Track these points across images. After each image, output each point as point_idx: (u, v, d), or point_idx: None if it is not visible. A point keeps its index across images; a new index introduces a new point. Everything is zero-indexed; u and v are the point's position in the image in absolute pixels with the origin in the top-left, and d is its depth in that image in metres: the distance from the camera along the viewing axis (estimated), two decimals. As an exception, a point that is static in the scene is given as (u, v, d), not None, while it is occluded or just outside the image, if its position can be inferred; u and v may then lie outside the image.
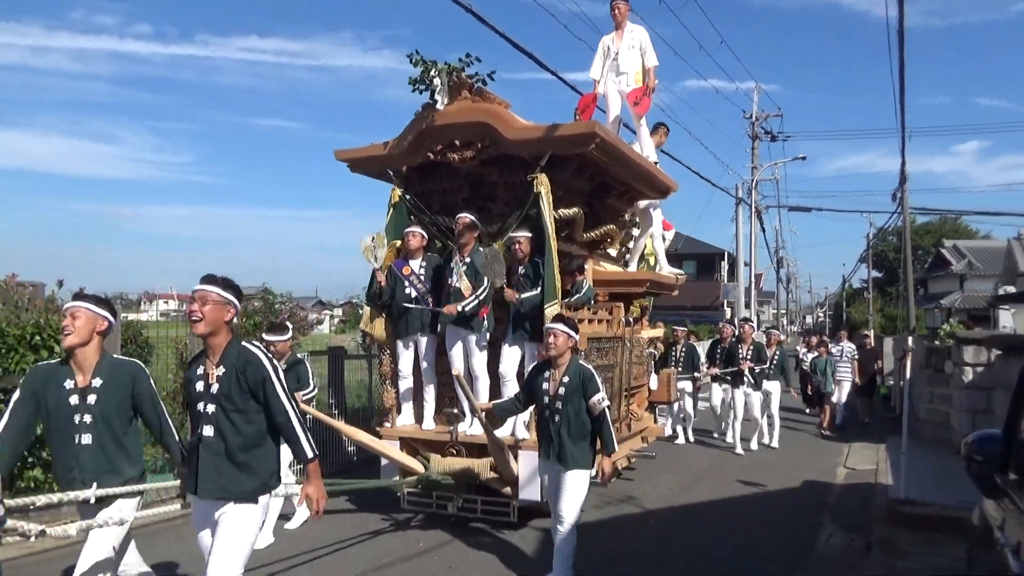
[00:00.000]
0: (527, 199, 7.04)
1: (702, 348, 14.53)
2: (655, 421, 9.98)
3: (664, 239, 10.64)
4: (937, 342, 12.48)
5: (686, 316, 40.22)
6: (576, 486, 5.58)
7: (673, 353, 12.35)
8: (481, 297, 6.98)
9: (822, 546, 7.01)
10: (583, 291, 7.84)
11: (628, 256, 9.86)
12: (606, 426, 5.59)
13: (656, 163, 9.65)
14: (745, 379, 11.61)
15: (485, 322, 7.11)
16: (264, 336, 7.06)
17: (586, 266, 8.55)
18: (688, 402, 12.53)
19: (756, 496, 9.09)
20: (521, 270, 7.17)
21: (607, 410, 5.64)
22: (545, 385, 5.72)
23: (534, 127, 6.92)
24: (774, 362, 12.19)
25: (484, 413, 6.19)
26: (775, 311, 57.07)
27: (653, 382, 9.58)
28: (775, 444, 12.26)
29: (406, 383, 7.66)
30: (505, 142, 7.03)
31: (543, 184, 6.92)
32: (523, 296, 7.00)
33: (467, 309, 6.93)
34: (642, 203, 9.45)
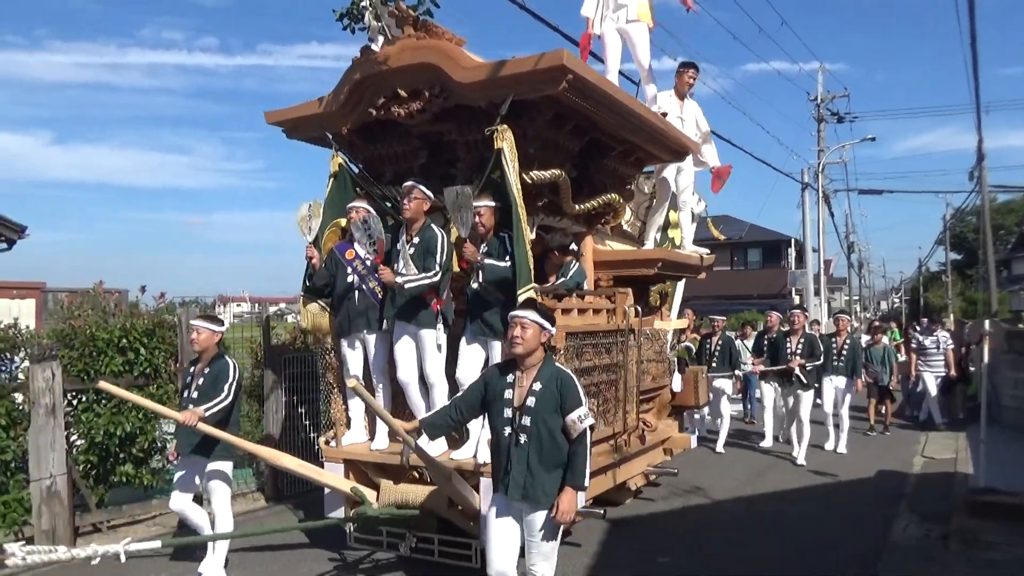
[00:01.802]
0: (491, 160, 5.48)
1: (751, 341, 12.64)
2: (681, 429, 8.26)
3: (693, 213, 8.93)
4: (1022, 325, 11.14)
5: (752, 305, 38.47)
6: (550, 531, 4.03)
7: (708, 346, 10.57)
8: (432, 279, 5.45)
9: (897, 537, 6.65)
10: (571, 273, 6.23)
11: (644, 233, 8.19)
12: (584, 451, 4.01)
13: (700, 130, 7.99)
14: (794, 379, 9.60)
15: (439, 315, 5.58)
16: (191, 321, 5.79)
17: (581, 244, 6.96)
18: (725, 404, 10.63)
19: (827, 487, 8.72)
20: (484, 247, 5.61)
21: (589, 431, 4.07)
22: (507, 393, 4.14)
23: (488, 65, 5.33)
24: (843, 353, 10.30)
25: (411, 432, 4.61)
26: (847, 297, 53.92)
27: (677, 383, 7.87)
28: (842, 449, 10.30)
29: (352, 393, 6.18)
30: (456, 88, 5.43)
31: (505, 138, 5.30)
32: (487, 263, 5.42)
33: (408, 286, 5.40)
34: (660, 168, 7.79)
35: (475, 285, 5.50)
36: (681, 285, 9.09)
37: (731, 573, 5.91)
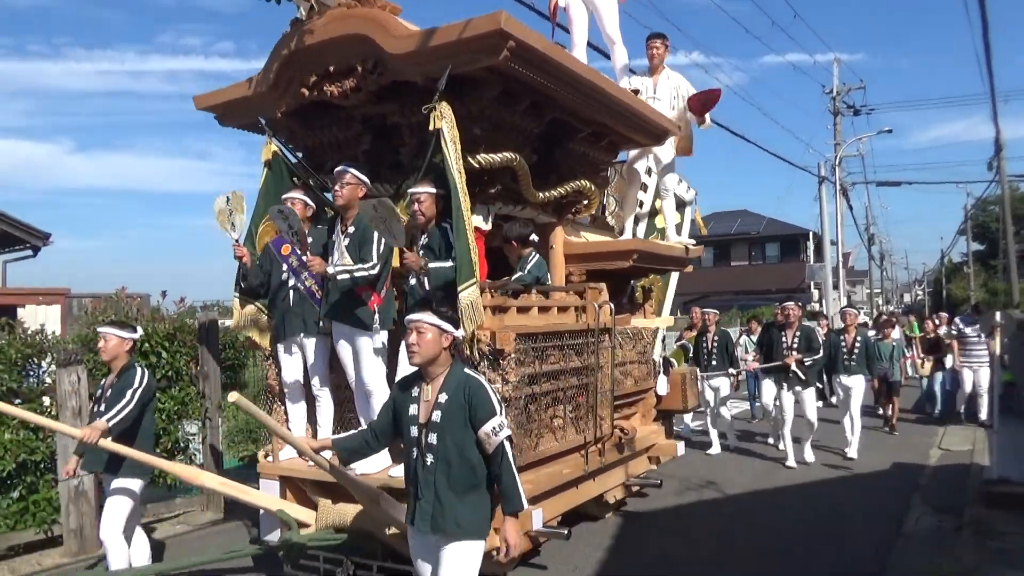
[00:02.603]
0: (431, 142, 4.85)
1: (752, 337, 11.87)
2: (669, 436, 7.56)
3: (681, 200, 8.24)
4: (1043, 315, 10.52)
5: (771, 300, 37.72)
6: (463, 568, 3.39)
7: (704, 344, 9.81)
8: (368, 271, 4.79)
9: (910, 528, 6.60)
10: (528, 267, 5.60)
11: (623, 221, 7.50)
12: (507, 469, 3.35)
13: (679, 108, 7.30)
14: (792, 375, 8.82)
15: (377, 315, 4.95)
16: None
17: (551, 235, 6.32)
18: (722, 406, 9.85)
19: (842, 478, 8.60)
20: (424, 239, 4.98)
21: (507, 444, 3.44)
22: (412, 409, 3.51)
23: (420, 33, 4.68)
24: (855, 350, 9.52)
25: (321, 451, 3.98)
26: (868, 290, 52.67)
27: (662, 385, 7.19)
28: (853, 454, 9.46)
29: (293, 402, 5.57)
30: (390, 61, 4.79)
31: (444, 117, 4.68)
32: (432, 266, 4.81)
33: (340, 276, 4.76)
34: (639, 152, 7.12)
35: (413, 281, 4.88)
36: (674, 280, 8.41)
37: (742, 564, 5.82)
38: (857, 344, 9.57)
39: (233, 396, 3.71)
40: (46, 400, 6.55)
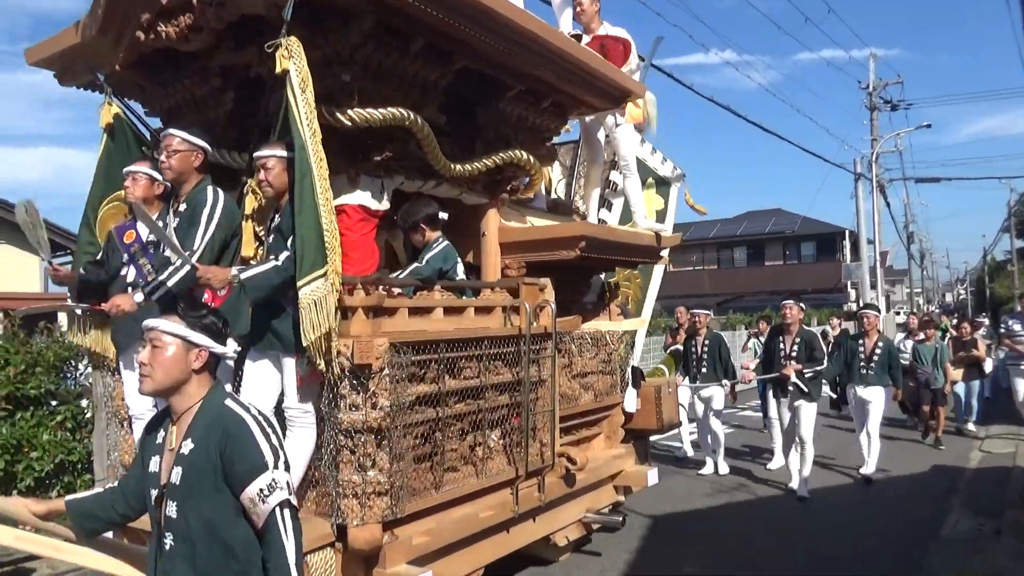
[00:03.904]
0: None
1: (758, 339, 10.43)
2: (644, 459, 6.23)
3: (658, 177, 6.94)
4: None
5: (806, 300, 36.15)
6: None
7: (693, 349, 8.39)
8: (179, 269, 3.44)
9: (947, 531, 6.42)
10: (427, 258, 4.36)
11: (579, 201, 6.21)
12: (279, 554, 2.19)
13: (631, 64, 5.99)
14: (791, 387, 7.32)
15: (222, 319, 3.73)
16: None
17: (483, 220, 5.09)
18: (714, 419, 8.39)
19: (879, 481, 8.17)
20: (276, 219, 3.77)
21: (285, 515, 2.23)
22: (154, 464, 2.34)
23: (252, -58, 3.48)
24: (875, 358, 8.04)
25: (48, 516, 2.79)
26: (908, 290, 50.35)
27: (630, 401, 5.88)
28: (870, 470, 8.07)
29: (139, 427, 4.41)
30: (225, -16, 3.64)
31: (293, 56, 3.46)
32: (248, 274, 3.53)
33: (155, 294, 3.50)
34: (591, 119, 5.84)
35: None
36: (657, 275, 7.10)
37: (776, 565, 5.67)
38: (878, 350, 8.08)
39: None
40: (83, 402, 6.55)
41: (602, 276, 6.27)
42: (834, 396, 10.97)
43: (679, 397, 6.90)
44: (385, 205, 4.28)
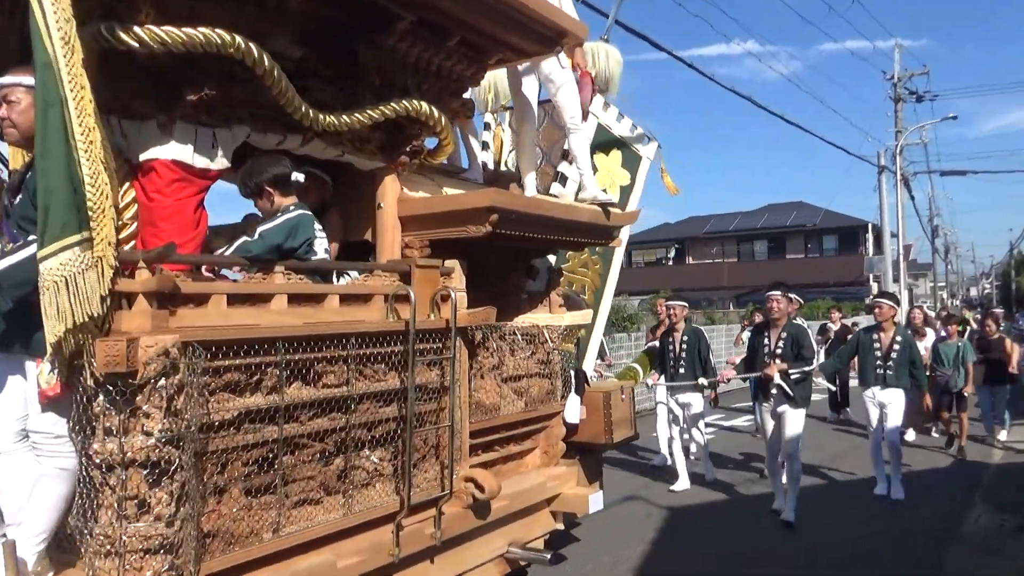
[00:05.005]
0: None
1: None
2: (595, 479, 5.17)
3: (619, 139, 5.87)
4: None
5: (828, 293, 35.26)
6: None
7: (670, 346, 7.26)
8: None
9: (969, 527, 6.42)
10: (262, 230, 3.33)
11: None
12: None
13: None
14: (775, 390, 6.22)
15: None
16: None
17: (380, 189, 4.08)
18: (695, 429, 7.29)
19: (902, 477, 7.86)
20: (11, 180, 2.77)
21: None
22: None
23: None
24: (893, 355, 6.93)
25: None
26: (932, 284, 48.79)
27: (572, 410, 4.83)
28: (898, 494, 7.14)
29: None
30: None
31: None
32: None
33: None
34: (521, 68, 4.78)
35: None
36: (617, 259, 6.04)
37: (791, 559, 5.64)
38: (896, 346, 6.95)
39: None
40: None
41: (551, 260, 5.25)
42: (832, 388, 9.86)
43: (657, 396, 5.91)
44: (221, 164, 3.26)
